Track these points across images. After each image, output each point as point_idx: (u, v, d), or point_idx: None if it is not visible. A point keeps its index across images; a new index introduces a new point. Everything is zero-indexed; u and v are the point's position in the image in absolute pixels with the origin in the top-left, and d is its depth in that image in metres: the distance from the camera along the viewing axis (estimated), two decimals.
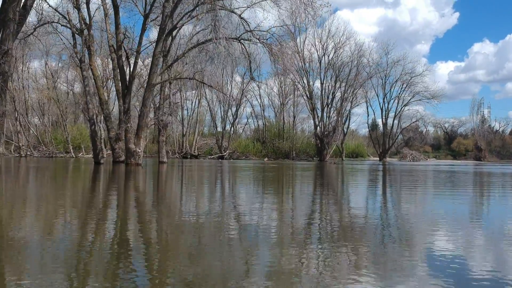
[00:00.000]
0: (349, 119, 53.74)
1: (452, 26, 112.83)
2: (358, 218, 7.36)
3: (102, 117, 37.24)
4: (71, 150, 47.78)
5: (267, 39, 26.70)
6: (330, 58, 48.04)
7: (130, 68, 26.38)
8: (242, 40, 25.94)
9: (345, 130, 54.44)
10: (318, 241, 5.33)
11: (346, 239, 5.37)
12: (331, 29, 48.08)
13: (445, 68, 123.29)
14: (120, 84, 26.70)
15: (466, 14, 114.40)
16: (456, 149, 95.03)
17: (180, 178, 18.56)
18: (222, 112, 56.23)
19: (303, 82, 48.47)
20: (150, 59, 28.20)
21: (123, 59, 26.20)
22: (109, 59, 38.05)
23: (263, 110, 60.02)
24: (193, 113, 58.59)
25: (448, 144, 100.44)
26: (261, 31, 25.78)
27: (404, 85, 55.99)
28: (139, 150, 26.52)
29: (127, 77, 26.34)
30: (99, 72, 35.20)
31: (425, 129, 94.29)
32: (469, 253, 4.76)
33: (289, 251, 4.71)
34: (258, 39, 26.56)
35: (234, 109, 57.31)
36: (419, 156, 60.67)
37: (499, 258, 4.64)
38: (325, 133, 47.60)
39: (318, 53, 48.18)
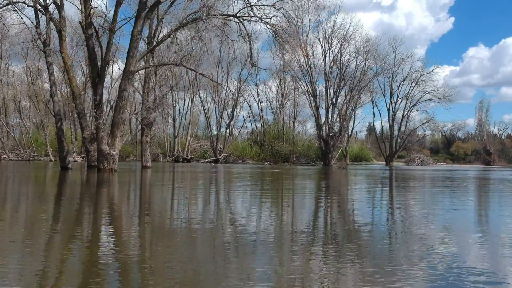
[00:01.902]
0: (354, 120, 48.43)
1: (447, 31, 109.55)
2: None
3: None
4: (50, 153, 42.23)
5: (270, 18, 21.44)
6: (335, 53, 42.83)
7: (102, 51, 20.91)
8: (240, 18, 20.67)
9: (350, 132, 49.01)
10: None
11: None
12: (336, 20, 42.85)
13: (440, 73, 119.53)
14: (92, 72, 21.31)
15: (461, 19, 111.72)
16: (455, 153, 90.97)
17: (159, 192, 13.19)
18: (217, 113, 50.78)
19: (306, 79, 43.14)
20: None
21: (94, 39, 20.78)
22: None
23: (261, 110, 54.70)
24: (186, 113, 53.18)
25: (447, 148, 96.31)
26: (263, 5, 20.51)
27: (413, 84, 50.91)
28: (114, 153, 21.10)
29: (99, 62, 20.92)
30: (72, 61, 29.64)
31: (423, 133, 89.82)
32: None
33: None
34: (260, 18, 21.31)
35: (229, 110, 51.90)
36: (428, 160, 55.53)
37: None
38: (330, 134, 42.21)
39: (323, 46, 42.92)
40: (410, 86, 51.12)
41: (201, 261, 4.34)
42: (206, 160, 47.26)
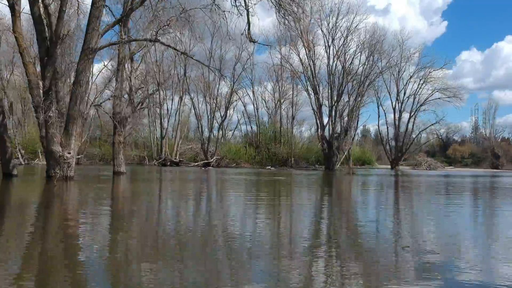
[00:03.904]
0: (358, 121, 43.11)
1: (440, 35, 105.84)
2: None
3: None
4: (20, 156, 36.57)
5: None
6: (339, 45, 37.64)
7: (51, 20, 15.46)
8: None
9: (353, 133, 43.70)
10: None
11: None
12: (341, 8, 37.58)
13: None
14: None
15: (454, 23, 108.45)
16: (451, 156, 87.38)
17: (119, 219, 7.85)
18: (209, 112, 45.31)
19: (308, 73, 37.81)
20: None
21: (40, 4, 15.35)
22: None
23: (257, 110, 49.26)
24: (176, 113, 47.55)
25: (443, 151, 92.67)
26: None
27: (421, 81, 45.93)
28: (69, 155, 15.70)
29: (48, 35, 15.51)
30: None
31: (420, 135, 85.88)
32: None
33: None
34: None
35: (222, 110, 46.46)
36: (436, 164, 50.62)
37: None
38: (335, 135, 36.90)
39: (326, 37, 37.69)
40: (418, 84, 46.17)
41: None
42: (196, 163, 41.82)
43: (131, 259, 4.59)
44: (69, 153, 15.77)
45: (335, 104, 37.40)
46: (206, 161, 41.81)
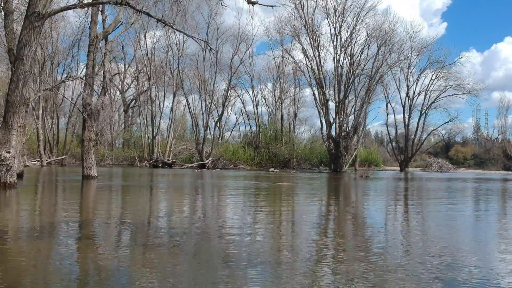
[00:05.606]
0: (365, 118, 38.97)
1: (440, 36, 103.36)
2: None
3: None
4: None
5: None
6: (347, 35, 33.52)
7: None
8: None
9: (361, 131, 39.46)
10: None
11: None
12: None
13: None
14: None
15: (454, 24, 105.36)
16: (454, 157, 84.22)
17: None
18: (204, 108, 41.07)
19: (312, 65, 33.63)
20: None
21: None
22: None
23: (256, 107, 45.03)
24: (170, 112, 43.33)
25: (445, 152, 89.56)
26: None
27: (433, 77, 41.90)
28: (8, 155, 11.60)
29: None
30: None
31: (422, 136, 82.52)
32: None
33: None
34: None
35: (219, 109, 42.28)
36: (447, 166, 46.65)
37: None
38: (343, 134, 32.74)
39: (334, 26, 33.45)
40: (430, 80, 42.15)
41: None
42: (191, 165, 37.66)
43: None
44: (9, 152, 11.63)
45: (343, 100, 33.25)
46: (201, 162, 37.66)
